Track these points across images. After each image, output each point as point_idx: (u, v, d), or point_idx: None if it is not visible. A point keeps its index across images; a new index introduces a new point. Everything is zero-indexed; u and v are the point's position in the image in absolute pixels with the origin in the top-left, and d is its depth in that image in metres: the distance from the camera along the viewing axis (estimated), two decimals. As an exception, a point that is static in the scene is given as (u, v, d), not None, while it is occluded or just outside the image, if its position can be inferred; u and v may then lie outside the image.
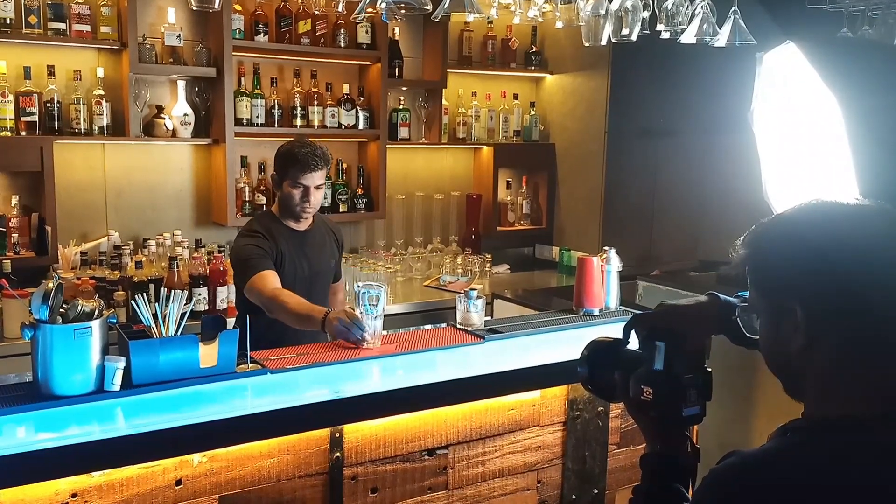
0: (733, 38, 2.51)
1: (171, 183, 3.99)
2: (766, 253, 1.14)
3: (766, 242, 1.14)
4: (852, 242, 1.06)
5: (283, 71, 4.17)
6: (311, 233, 3.01)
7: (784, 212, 1.16)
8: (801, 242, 1.09)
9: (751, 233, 1.17)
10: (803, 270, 1.07)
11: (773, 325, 1.13)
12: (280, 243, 2.89)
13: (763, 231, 1.16)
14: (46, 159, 3.44)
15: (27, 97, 3.46)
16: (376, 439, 2.23)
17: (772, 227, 1.15)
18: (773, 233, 1.15)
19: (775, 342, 1.13)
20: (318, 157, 2.84)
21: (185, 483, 1.97)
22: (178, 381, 2.13)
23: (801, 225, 1.12)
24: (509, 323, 2.90)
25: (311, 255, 2.99)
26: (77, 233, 3.74)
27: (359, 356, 2.47)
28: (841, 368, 1.07)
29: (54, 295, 1.98)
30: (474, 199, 4.76)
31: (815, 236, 1.08)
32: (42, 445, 1.79)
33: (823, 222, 1.10)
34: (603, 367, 1.41)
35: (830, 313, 1.06)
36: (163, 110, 3.80)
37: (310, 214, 2.95)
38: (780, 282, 1.11)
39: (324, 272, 3.05)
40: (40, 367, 2.00)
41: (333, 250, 3.11)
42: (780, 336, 1.11)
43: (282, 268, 2.88)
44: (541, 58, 4.90)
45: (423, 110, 4.58)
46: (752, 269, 1.16)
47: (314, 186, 2.86)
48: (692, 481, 1.29)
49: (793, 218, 1.14)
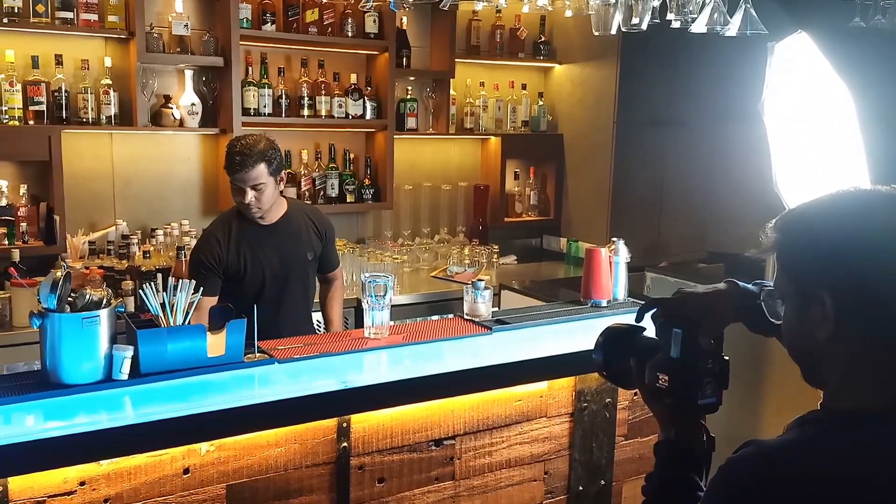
0: (744, 28, 2.48)
1: (178, 172, 3.99)
2: (799, 238, 1.11)
3: (801, 226, 1.11)
4: (886, 234, 1.04)
5: (290, 60, 4.16)
6: (281, 225, 2.91)
7: (821, 197, 1.13)
8: (836, 231, 1.06)
9: (785, 216, 1.14)
10: (836, 260, 1.05)
11: (799, 311, 1.11)
12: (242, 247, 2.84)
13: (798, 215, 1.13)
14: (54, 148, 3.44)
15: (35, 86, 3.46)
16: (383, 429, 2.23)
17: (807, 212, 1.12)
18: (808, 218, 1.11)
19: (800, 329, 1.11)
20: (247, 157, 2.69)
21: (193, 472, 1.98)
22: (186, 371, 2.13)
23: (836, 212, 1.09)
24: (517, 314, 2.90)
25: (283, 249, 2.90)
26: (85, 222, 3.75)
27: (366, 346, 2.47)
28: (864, 360, 1.06)
29: (62, 284, 1.98)
30: (482, 190, 4.75)
31: (849, 225, 1.06)
32: (51, 434, 1.80)
33: (860, 211, 1.07)
34: (618, 354, 1.40)
35: (859, 304, 1.04)
36: (170, 100, 3.80)
37: (257, 214, 2.81)
38: (810, 269, 1.08)
39: (299, 265, 2.95)
40: (48, 355, 2.00)
41: (311, 241, 2.98)
42: (805, 324, 1.09)
43: (244, 271, 2.83)
44: (549, 47, 4.88)
45: (431, 100, 4.56)
46: (783, 254, 1.13)
47: (250, 186, 2.73)
48: (706, 470, 1.28)
49: (829, 204, 1.11)
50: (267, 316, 2.59)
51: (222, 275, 2.83)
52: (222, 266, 2.82)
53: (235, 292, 2.80)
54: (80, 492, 1.85)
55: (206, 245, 2.85)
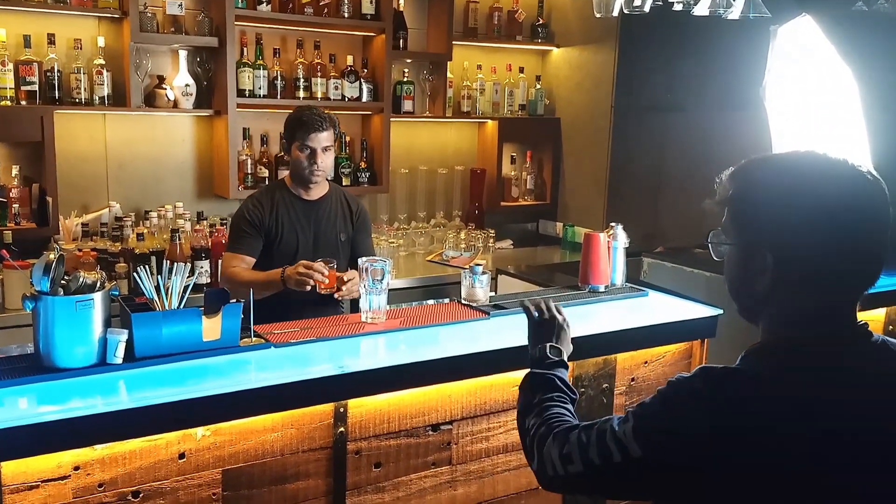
0: (747, 11, 2.45)
1: (172, 154, 3.95)
2: (746, 194, 1.19)
3: (750, 184, 1.20)
4: (827, 203, 1.12)
5: (285, 41, 4.11)
6: (321, 203, 3.03)
7: (773, 156, 1.23)
8: (783, 195, 1.14)
9: (739, 169, 1.22)
10: (779, 223, 1.14)
11: (741, 260, 1.21)
12: (280, 213, 2.95)
13: (749, 171, 1.21)
14: (47, 129, 3.41)
15: (27, 66, 3.42)
16: (380, 414, 2.22)
17: (757, 171, 1.21)
18: (757, 176, 1.20)
19: (740, 275, 1.21)
20: (323, 119, 2.91)
21: (189, 456, 1.96)
22: (181, 355, 2.11)
23: (783, 174, 1.17)
24: (514, 299, 2.88)
25: (318, 226, 3.01)
26: (78, 204, 3.71)
27: (363, 331, 2.45)
28: (793, 306, 1.18)
29: (56, 266, 1.96)
30: (478, 174, 4.72)
31: (796, 191, 1.14)
32: (44, 418, 1.77)
33: (809, 177, 1.15)
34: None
35: (795, 264, 1.15)
36: (164, 81, 3.76)
37: (319, 178, 2.97)
38: (757, 226, 1.17)
39: (330, 243, 3.02)
40: (42, 339, 1.98)
41: (344, 225, 3.07)
42: (746, 271, 1.19)
43: (279, 237, 2.94)
44: (547, 30, 4.84)
45: (428, 83, 4.52)
46: (734, 204, 1.21)
47: (321, 148, 2.91)
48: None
49: (782, 166, 1.20)
50: (293, 291, 2.69)
51: (263, 238, 2.94)
52: (262, 230, 2.94)
53: (267, 262, 2.91)
54: (75, 476, 1.83)
55: (250, 206, 2.97)
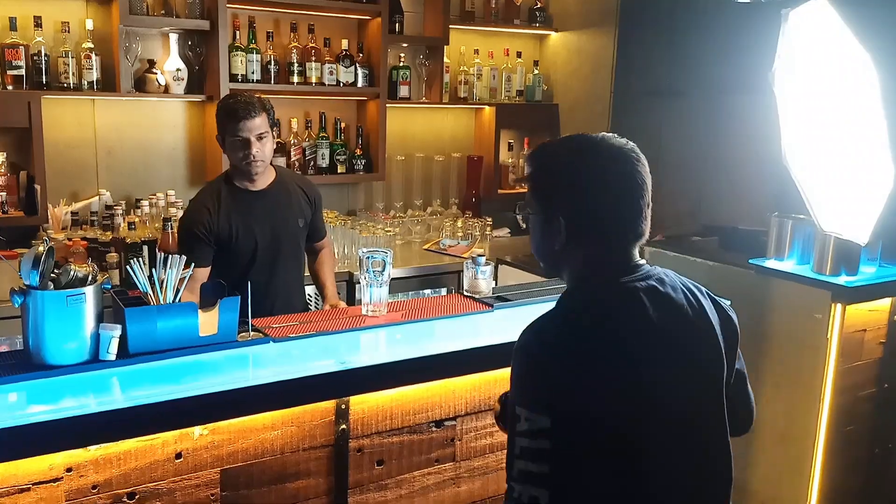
0: (758, -6, 2.38)
1: (163, 141, 3.86)
2: (540, 172, 1.52)
3: (542, 164, 1.52)
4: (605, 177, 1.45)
5: (279, 25, 4.02)
6: (271, 192, 2.83)
7: (558, 140, 1.53)
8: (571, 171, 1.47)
9: (534, 152, 1.54)
10: (567, 192, 1.46)
11: (542, 226, 1.51)
12: (230, 212, 2.76)
13: (541, 154, 1.53)
14: (34, 115, 3.31)
15: (13, 49, 3.31)
16: (383, 411, 2.15)
17: (546, 153, 1.53)
18: (546, 157, 1.52)
19: (542, 238, 1.52)
20: (252, 105, 2.69)
21: (186, 456, 1.89)
22: (177, 351, 2.04)
23: (566, 153, 1.49)
24: (517, 290, 2.82)
25: (273, 216, 2.82)
26: (67, 192, 3.62)
27: (364, 325, 2.39)
28: (587, 255, 1.49)
29: (45, 259, 1.88)
30: (475, 161, 4.64)
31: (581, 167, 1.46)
32: (35, 418, 1.70)
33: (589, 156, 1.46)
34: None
35: (584, 226, 1.46)
36: (154, 65, 3.66)
37: (260, 168, 2.75)
38: (552, 198, 1.49)
39: (291, 232, 2.88)
40: (31, 335, 1.91)
41: (302, 209, 2.91)
42: (546, 235, 1.50)
43: (235, 237, 2.76)
44: (545, 14, 4.76)
45: (424, 68, 4.44)
46: (534, 182, 1.53)
47: (255, 136, 2.69)
48: None
49: (562, 146, 1.51)
50: (259, 286, 2.54)
51: (214, 244, 2.75)
52: (213, 235, 2.74)
53: (226, 262, 2.74)
54: (67, 479, 1.76)
55: (195, 214, 2.76)
